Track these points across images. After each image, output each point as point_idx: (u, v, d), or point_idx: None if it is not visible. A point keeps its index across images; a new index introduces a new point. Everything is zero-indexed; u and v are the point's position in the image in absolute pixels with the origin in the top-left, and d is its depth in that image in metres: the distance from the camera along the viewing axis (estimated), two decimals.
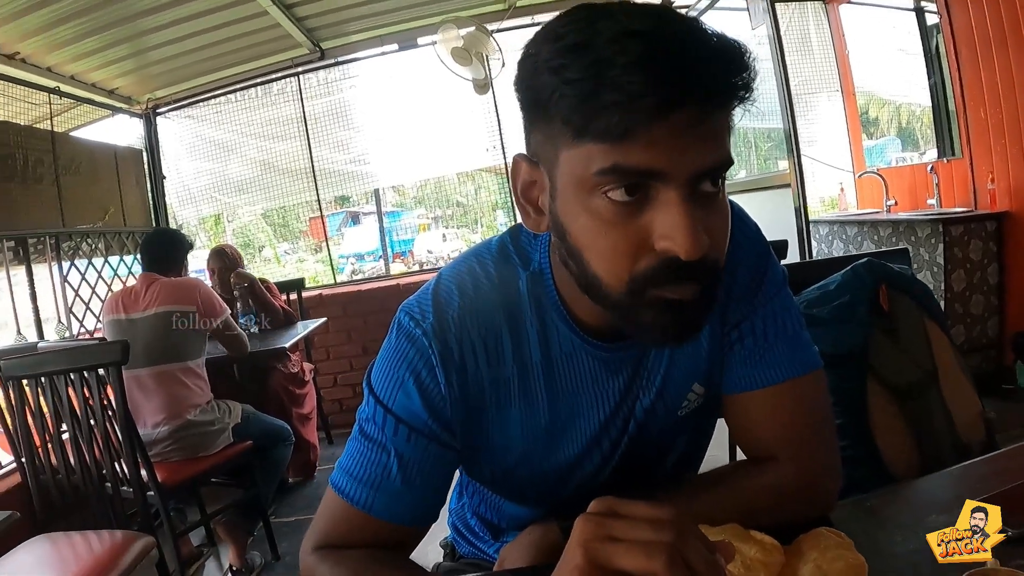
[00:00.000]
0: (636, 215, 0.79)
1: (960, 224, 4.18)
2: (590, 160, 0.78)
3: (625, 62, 0.72)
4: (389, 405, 0.99)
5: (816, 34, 5.98)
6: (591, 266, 0.84)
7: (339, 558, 0.98)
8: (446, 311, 1.00)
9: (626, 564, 0.63)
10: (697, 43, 0.74)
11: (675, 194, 0.77)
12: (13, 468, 3.39)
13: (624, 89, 0.72)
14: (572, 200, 0.83)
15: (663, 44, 0.73)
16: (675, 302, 0.82)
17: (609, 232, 0.80)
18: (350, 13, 5.49)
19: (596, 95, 0.74)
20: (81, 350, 2.89)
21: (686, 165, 0.76)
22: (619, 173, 0.77)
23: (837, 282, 1.72)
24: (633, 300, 0.83)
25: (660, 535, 0.63)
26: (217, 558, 3.73)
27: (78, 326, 4.94)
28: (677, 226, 0.77)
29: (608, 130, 0.75)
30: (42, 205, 4.63)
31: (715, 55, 0.75)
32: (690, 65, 0.73)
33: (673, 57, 0.72)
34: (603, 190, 0.79)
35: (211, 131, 6.47)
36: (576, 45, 0.75)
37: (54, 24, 4.34)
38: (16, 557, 2.37)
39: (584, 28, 0.75)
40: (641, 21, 0.74)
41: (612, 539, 0.64)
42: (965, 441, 1.67)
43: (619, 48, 0.72)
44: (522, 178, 0.91)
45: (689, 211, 0.77)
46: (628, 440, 1.09)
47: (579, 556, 0.65)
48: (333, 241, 8.19)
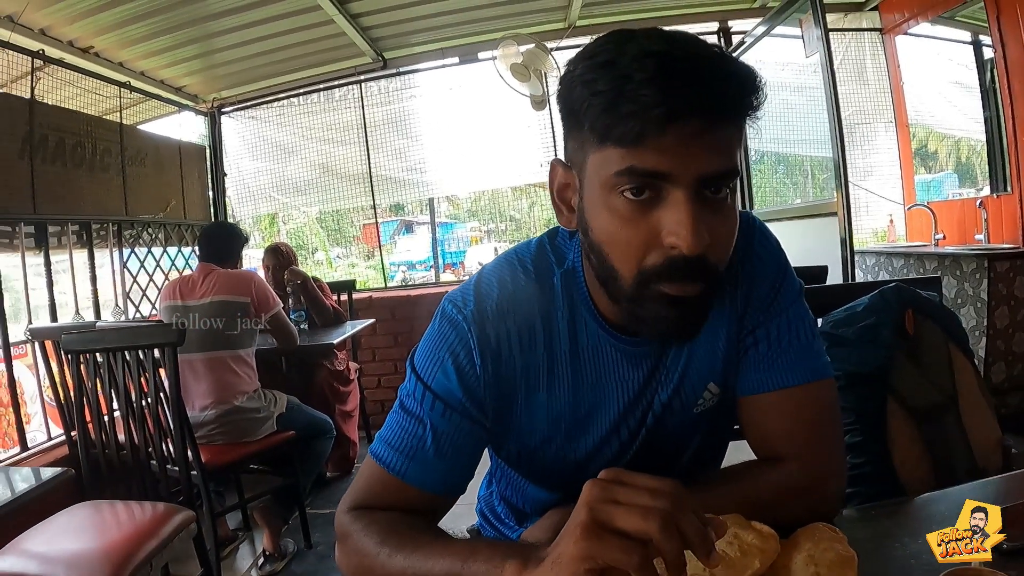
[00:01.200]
0: (648, 213, 0.90)
1: (1006, 260, 4.13)
2: (610, 162, 0.89)
3: (642, 78, 0.83)
4: (428, 383, 1.09)
5: (872, 64, 5.94)
6: (609, 259, 0.95)
7: (372, 518, 1.06)
8: (486, 301, 1.10)
9: (624, 524, 0.71)
10: (705, 63, 0.86)
11: (682, 195, 0.87)
12: (62, 441, 3.53)
13: (639, 100, 0.83)
14: (595, 199, 0.94)
15: (675, 63, 0.84)
16: (676, 299, 0.92)
17: (624, 228, 0.91)
18: (414, 25, 5.59)
19: (616, 105, 0.85)
20: (140, 329, 3.01)
21: (692, 169, 0.87)
22: (633, 174, 0.88)
23: (864, 304, 1.75)
24: (640, 292, 0.93)
25: (657, 502, 0.71)
26: (251, 542, 3.83)
27: (134, 311, 5.10)
28: (681, 222, 0.87)
29: (625, 135, 0.86)
30: (107, 193, 4.79)
31: (721, 74, 0.86)
32: (697, 81, 0.84)
33: (683, 74, 0.83)
34: (620, 190, 0.90)
35: (272, 132, 6.59)
36: (605, 63, 0.87)
37: (128, 22, 4.50)
38: (61, 520, 2.47)
39: (612, 49, 0.88)
40: (660, 44, 0.86)
41: (615, 502, 0.72)
42: (982, 466, 1.67)
43: (639, 66, 0.84)
44: (558, 180, 1.03)
45: (693, 211, 0.87)
46: (646, 432, 1.16)
47: (584, 514, 0.73)
48: (385, 249, 8.27)
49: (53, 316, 4.27)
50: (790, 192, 7.13)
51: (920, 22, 5.49)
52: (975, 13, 4.88)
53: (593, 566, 0.71)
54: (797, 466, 1.08)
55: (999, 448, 1.78)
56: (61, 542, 2.31)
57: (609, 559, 0.71)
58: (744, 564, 0.85)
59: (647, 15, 5.82)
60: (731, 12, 6.00)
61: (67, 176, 4.39)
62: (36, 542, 2.31)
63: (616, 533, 0.71)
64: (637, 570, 0.70)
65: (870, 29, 5.95)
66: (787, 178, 7.20)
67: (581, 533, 0.72)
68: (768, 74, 3.73)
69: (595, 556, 0.71)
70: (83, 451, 2.94)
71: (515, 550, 0.84)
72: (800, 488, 1.07)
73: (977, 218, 4.80)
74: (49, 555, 2.21)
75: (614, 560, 0.70)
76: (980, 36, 5.05)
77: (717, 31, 6.08)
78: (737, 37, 5.92)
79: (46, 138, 4.20)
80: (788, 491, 1.07)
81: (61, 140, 4.33)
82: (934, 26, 5.51)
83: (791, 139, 6.07)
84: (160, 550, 2.36)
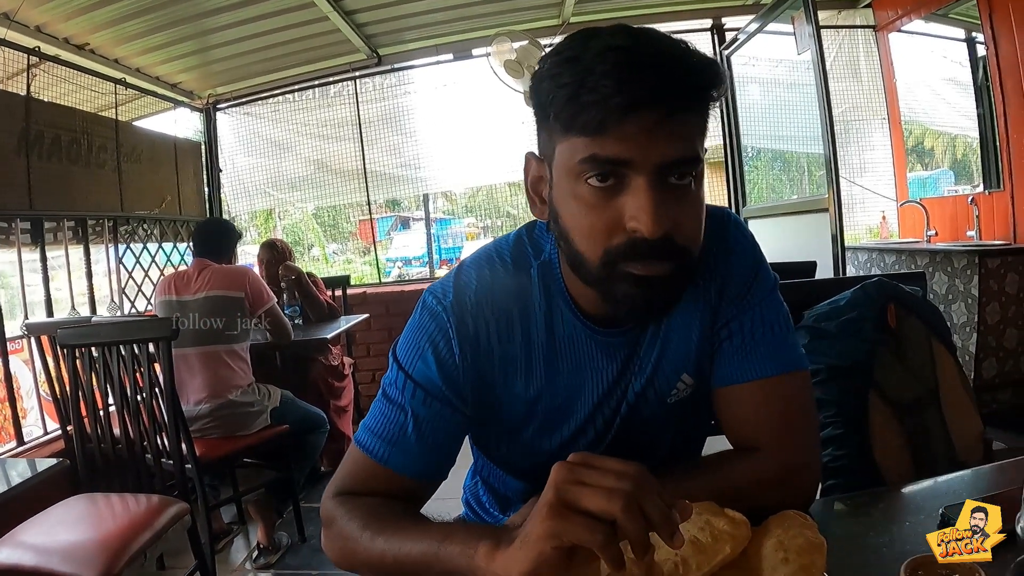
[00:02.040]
0: (611, 199, 0.93)
1: (997, 257, 4.14)
2: (575, 151, 0.93)
3: (603, 70, 0.88)
4: (409, 371, 1.13)
5: (865, 62, 5.95)
6: (575, 244, 0.98)
7: (355, 503, 1.09)
8: (465, 292, 1.14)
9: (589, 504, 0.73)
10: (665, 56, 0.90)
11: (643, 180, 0.91)
12: (58, 435, 3.54)
13: (600, 91, 0.87)
14: (563, 187, 0.98)
15: (636, 57, 0.88)
16: (643, 278, 0.95)
17: (589, 213, 0.95)
18: (408, 22, 5.61)
19: (579, 96, 0.89)
20: (134, 324, 3.05)
21: (652, 156, 0.91)
22: (596, 162, 0.92)
23: (847, 298, 1.76)
24: (607, 273, 0.97)
25: (622, 484, 0.73)
26: (246, 536, 3.85)
27: (129, 306, 5.11)
28: (642, 207, 0.91)
29: (587, 124, 0.90)
30: (103, 189, 4.82)
31: (680, 66, 0.90)
32: (657, 73, 0.88)
33: (643, 67, 0.88)
34: (585, 177, 0.93)
35: (268, 128, 6.62)
36: (570, 59, 0.91)
37: (123, 19, 4.52)
38: (57, 511, 2.50)
39: (578, 46, 0.92)
40: (622, 40, 0.90)
41: (581, 483, 0.75)
42: (963, 460, 1.68)
43: (600, 59, 0.88)
44: (531, 173, 1.08)
45: (654, 196, 0.91)
46: (620, 421, 1.19)
47: (551, 494, 0.75)
48: (381, 245, 8.27)
49: (49, 312, 4.29)
50: (786, 189, 7.14)
51: (913, 19, 5.50)
52: (968, 10, 4.87)
53: (559, 544, 0.74)
54: (771, 456, 1.10)
55: (980, 442, 1.80)
56: (57, 533, 2.33)
57: (574, 537, 0.73)
58: (715, 549, 0.86)
59: (640, 11, 5.85)
60: (724, 9, 6.02)
61: (63, 172, 4.41)
62: (32, 533, 2.33)
63: (582, 513, 0.74)
64: (601, 548, 0.72)
65: (863, 26, 5.96)
66: (783, 174, 7.21)
67: (547, 512, 0.74)
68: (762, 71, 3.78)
69: (560, 535, 0.73)
70: (79, 445, 2.96)
71: (488, 532, 0.86)
72: (774, 478, 1.08)
73: (969, 215, 4.83)
74: (45, 546, 2.24)
75: (578, 538, 0.73)
76: (973, 33, 5.04)
77: (711, 28, 6.10)
78: (730, 34, 5.94)
79: (42, 135, 4.21)
80: (762, 481, 1.08)
81: (57, 137, 4.35)
82: (927, 23, 5.51)
83: (787, 136, 6.08)
84: (154, 541, 2.38)
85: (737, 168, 6.18)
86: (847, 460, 1.62)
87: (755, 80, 6.21)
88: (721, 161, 6.34)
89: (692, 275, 1.05)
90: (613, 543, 0.72)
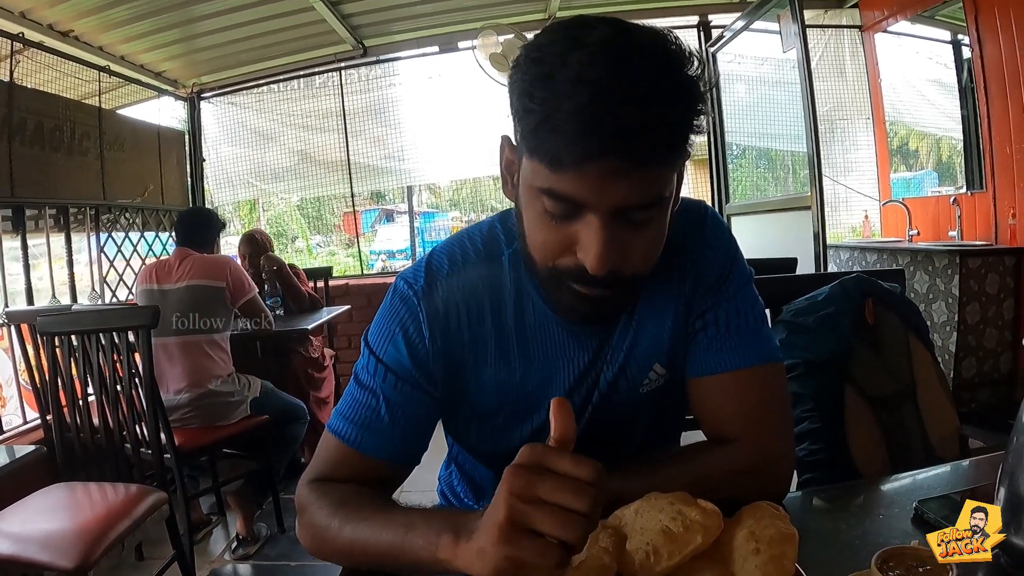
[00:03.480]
0: (566, 225, 0.94)
1: (978, 257, 4.17)
2: (535, 175, 0.92)
3: (569, 108, 0.84)
4: (380, 356, 1.13)
5: (851, 61, 5.98)
6: (528, 247, 1.01)
7: (326, 490, 1.09)
8: (436, 276, 1.14)
9: (543, 528, 0.71)
10: (638, 103, 0.84)
11: (596, 220, 0.90)
12: (38, 424, 3.53)
13: (561, 132, 0.85)
14: (526, 194, 0.98)
15: (607, 99, 0.83)
16: (587, 297, 0.99)
17: (542, 230, 0.97)
18: (394, 13, 5.61)
19: (543, 128, 0.87)
20: (114, 312, 3.03)
21: (607, 201, 0.89)
22: (552, 196, 0.91)
23: (825, 294, 1.77)
24: (554, 283, 1.01)
25: (579, 503, 0.70)
26: (225, 527, 3.83)
27: (110, 295, 5.09)
28: (591, 246, 0.91)
29: (546, 159, 0.88)
30: (85, 177, 4.79)
31: (651, 120, 0.85)
32: (623, 126, 0.84)
33: (610, 115, 0.83)
34: (542, 200, 0.93)
35: (252, 118, 6.59)
36: (546, 75, 0.87)
37: (108, 5, 4.49)
38: (35, 500, 2.50)
39: (556, 59, 0.86)
40: (599, 70, 0.84)
41: (535, 501, 0.72)
42: (939, 455, 1.70)
43: (571, 93, 0.84)
44: (505, 155, 1.07)
45: (604, 237, 0.90)
46: (592, 409, 1.19)
47: (502, 513, 0.72)
48: (365, 238, 8.25)
49: (30, 300, 4.26)
50: (771, 187, 7.16)
51: (899, 20, 5.52)
52: (954, 12, 4.89)
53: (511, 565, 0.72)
54: (746, 447, 1.10)
55: (956, 438, 1.81)
56: (34, 521, 2.33)
57: (526, 560, 0.71)
58: (687, 539, 0.86)
59: (627, 7, 5.85)
60: (711, 6, 6.02)
61: (45, 160, 4.38)
62: (9, 521, 2.33)
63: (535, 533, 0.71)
64: (552, 571, 0.70)
65: (850, 26, 5.99)
66: (768, 173, 7.23)
67: (499, 536, 0.72)
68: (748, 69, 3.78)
69: (512, 559, 0.72)
70: (58, 433, 2.94)
71: (450, 524, 0.84)
72: (748, 469, 1.09)
73: (951, 215, 4.86)
74: (22, 534, 2.23)
75: (531, 563, 0.71)
76: (959, 35, 5.07)
77: (697, 24, 6.11)
78: (717, 31, 5.95)
79: (25, 121, 4.19)
80: (737, 471, 1.08)
81: (40, 123, 4.32)
82: (913, 24, 5.53)
83: (772, 134, 6.11)
84: (132, 530, 2.37)
85: (721, 165, 6.19)
86: (823, 454, 1.63)
87: (741, 78, 6.22)
88: (705, 159, 6.36)
89: (639, 291, 1.08)
90: (566, 563, 0.71)
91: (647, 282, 1.07)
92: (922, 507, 1.03)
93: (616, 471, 1.07)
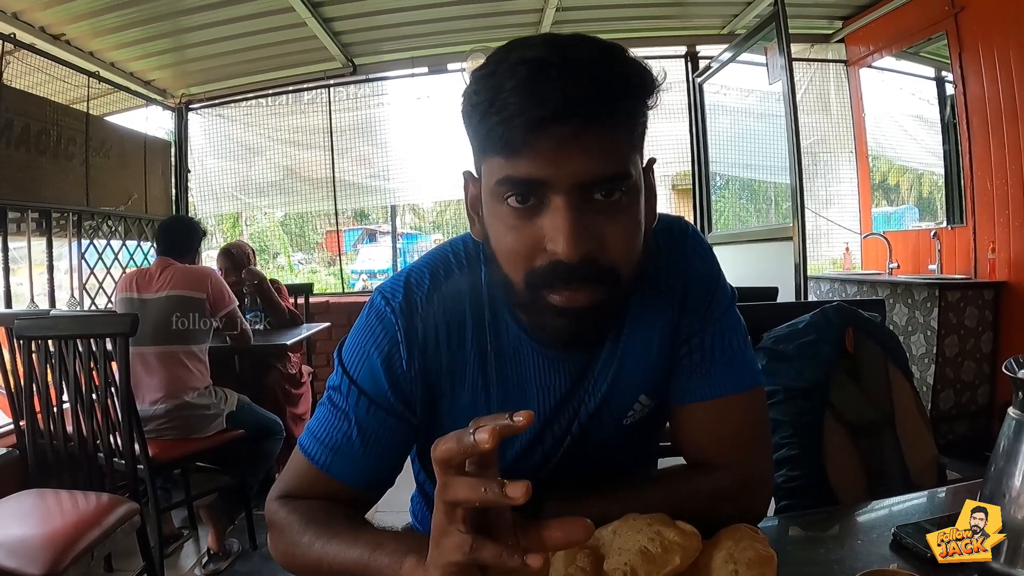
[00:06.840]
0: (532, 220, 0.90)
1: (957, 290, 4.23)
2: (493, 171, 0.90)
3: (512, 86, 0.83)
4: (354, 377, 1.08)
5: (836, 95, 6.06)
6: (502, 267, 0.96)
7: (295, 506, 1.06)
8: (415, 293, 1.08)
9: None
10: (575, 66, 0.84)
11: (561, 201, 0.87)
12: (10, 430, 3.48)
13: (507, 109, 0.83)
14: (489, 208, 0.94)
15: (546, 69, 0.83)
16: (565, 310, 0.92)
17: (510, 234, 0.91)
18: (385, 33, 5.64)
19: (489, 115, 0.86)
20: (92, 318, 3.00)
21: (568, 175, 0.86)
22: (511, 183, 0.88)
23: (806, 321, 1.78)
24: (532, 301, 0.94)
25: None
26: (196, 541, 3.78)
27: (89, 303, 5.05)
28: (558, 228, 0.87)
29: (500, 144, 0.86)
30: (69, 182, 4.77)
31: (594, 78, 0.84)
32: (565, 87, 0.82)
33: (551, 80, 0.82)
34: (505, 197, 0.90)
35: (239, 131, 6.59)
36: (487, 74, 0.87)
37: (101, 11, 4.49)
38: (5, 505, 2.46)
39: (497, 59, 0.88)
40: (538, 50, 0.85)
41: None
42: (917, 483, 1.71)
43: (511, 74, 0.84)
44: (470, 192, 1.03)
45: (572, 217, 0.86)
46: (571, 440, 1.15)
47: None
48: (348, 257, 8.24)
49: (8, 303, 4.23)
50: (753, 218, 7.20)
51: (885, 56, 5.61)
52: (939, 49, 4.99)
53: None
54: (727, 473, 1.09)
55: (934, 465, 1.82)
56: (3, 527, 2.29)
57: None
58: (665, 560, 0.86)
59: (616, 35, 5.88)
60: (699, 37, 6.11)
61: (30, 162, 4.37)
62: None
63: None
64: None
65: (835, 60, 6.07)
66: (751, 204, 7.27)
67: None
68: (733, 100, 3.81)
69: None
70: (30, 439, 2.91)
71: (416, 545, 0.81)
72: (729, 494, 1.08)
73: (931, 249, 4.92)
74: None
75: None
76: (943, 72, 5.15)
77: (685, 55, 6.19)
78: (704, 62, 6.02)
79: (11, 123, 4.18)
80: (717, 496, 1.07)
81: (27, 126, 4.32)
82: (898, 60, 5.63)
83: (756, 165, 6.14)
84: (102, 540, 2.34)
85: (705, 195, 6.24)
86: (802, 481, 1.63)
87: (726, 109, 6.27)
88: (689, 188, 6.39)
89: (624, 299, 1.02)
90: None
91: (632, 306, 1.05)
92: (900, 532, 1.03)
93: (595, 493, 1.07)
